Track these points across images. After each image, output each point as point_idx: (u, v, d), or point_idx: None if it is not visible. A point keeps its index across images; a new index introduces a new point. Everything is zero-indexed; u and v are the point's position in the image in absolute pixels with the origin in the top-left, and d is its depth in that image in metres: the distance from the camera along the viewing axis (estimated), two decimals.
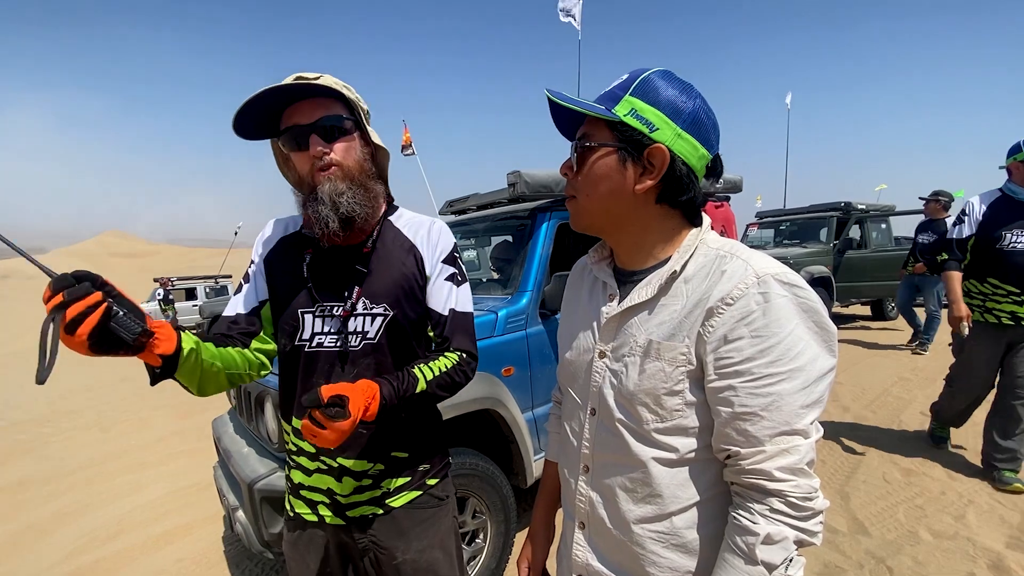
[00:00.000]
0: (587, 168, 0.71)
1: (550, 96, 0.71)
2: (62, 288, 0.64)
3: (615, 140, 0.68)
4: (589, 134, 0.71)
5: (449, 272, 1.08)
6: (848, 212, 7.77)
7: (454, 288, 1.08)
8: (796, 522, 0.59)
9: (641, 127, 0.67)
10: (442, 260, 1.07)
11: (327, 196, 0.95)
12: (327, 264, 1.04)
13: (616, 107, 0.68)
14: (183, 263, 48.53)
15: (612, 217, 0.73)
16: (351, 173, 0.99)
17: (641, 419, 0.69)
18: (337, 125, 0.97)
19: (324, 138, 0.96)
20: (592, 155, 0.70)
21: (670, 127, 0.67)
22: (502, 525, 2.16)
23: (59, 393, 6.98)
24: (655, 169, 0.68)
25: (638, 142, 0.67)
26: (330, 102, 0.97)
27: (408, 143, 8.54)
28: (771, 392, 0.60)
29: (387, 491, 1.04)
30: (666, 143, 0.67)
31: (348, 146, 0.99)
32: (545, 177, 2.61)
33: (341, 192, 0.96)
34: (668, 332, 0.68)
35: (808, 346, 0.61)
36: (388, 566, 1.04)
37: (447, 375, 1.01)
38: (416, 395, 0.96)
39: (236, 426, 2.28)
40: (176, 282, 14.12)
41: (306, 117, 0.95)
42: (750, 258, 0.66)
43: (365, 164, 1.03)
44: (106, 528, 3.05)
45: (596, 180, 0.70)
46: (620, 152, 0.68)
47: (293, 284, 1.03)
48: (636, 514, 0.71)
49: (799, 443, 0.60)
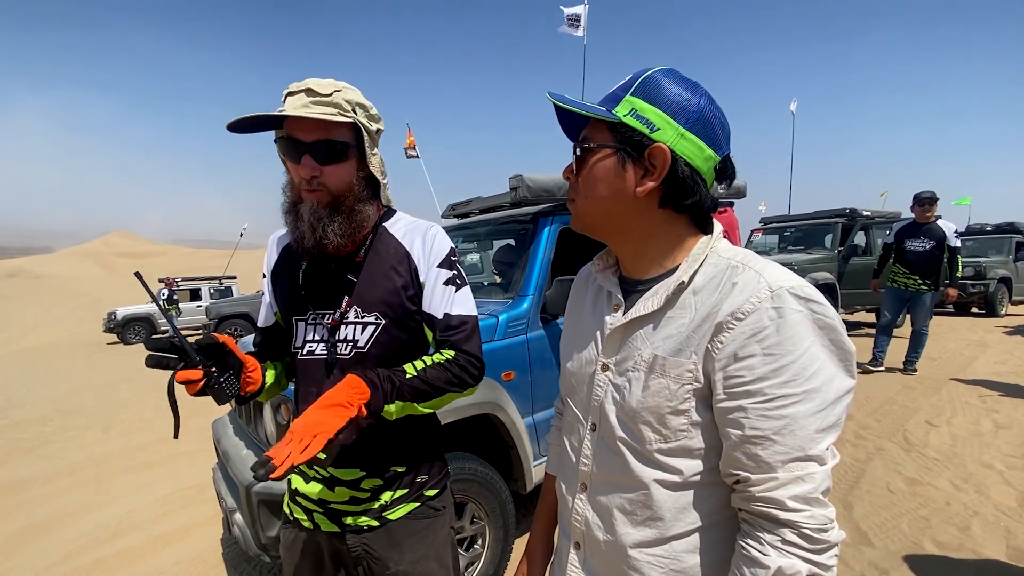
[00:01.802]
0: (586, 170, 0.69)
1: (551, 99, 0.69)
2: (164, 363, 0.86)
3: (614, 141, 0.66)
4: (589, 136, 0.69)
5: (446, 276, 1.04)
6: (853, 218, 7.74)
7: (452, 292, 1.03)
8: (809, 555, 0.55)
9: (641, 127, 0.64)
10: (437, 265, 1.04)
11: (306, 216, 0.95)
12: (320, 273, 1.04)
13: (616, 108, 0.66)
14: (189, 264, 48.77)
15: (613, 221, 0.70)
16: (338, 198, 0.97)
17: (644, 438, 0.66)
18: (331, 151, 0.94)
19: (317, 160, 0.93)
20: (591, 157, 0.68)
21: (672, 127, 0.64)
22: (501, 531, 2.14)
23: (61, 392, 7.02)
24: (656, 170, 0.65)
25: (638, 143, 0.65)
26: (334, 123, 0.94)
27: (412, 146, 8.56)
28: (784, 415, 0.56)
29: (385, 504, 1.03)
30: (667, 143, 0.64)
31: (341, 170, 0.97)
32: (547, 181, 2.61)
33: (320, 218, 0.95)
34: (674, 347, 0.65)
35: (824, 366, 0.57)
36: None
37: (440, 366, 0.96)
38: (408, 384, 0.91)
39: (236, 428, 2.28)
40: (181, 283, 14.20)
41: (305, 134, 0.92)
42: (763, 269, 0.62)
43: (356, 187, 1.00)
44: (105, 529, 3.05)
45: (594, 182, 0.68)
46: (619, 153, 0.66)
47: (290, 292, 1.06)
48: (634, 537, 0.68)
49: (814, 470, 0.56)
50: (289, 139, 0.93)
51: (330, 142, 0.94)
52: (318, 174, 0.94)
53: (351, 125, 0.96)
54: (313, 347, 1.01)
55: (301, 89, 0.92)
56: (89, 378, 8.09)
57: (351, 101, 0.95)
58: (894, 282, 5.21)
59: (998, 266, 9.41)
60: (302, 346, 1.02)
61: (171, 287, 13.19)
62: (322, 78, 0.95)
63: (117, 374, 8.26)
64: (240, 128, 0.94)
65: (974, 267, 9.24)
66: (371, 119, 1.00)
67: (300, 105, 0.91)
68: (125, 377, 7.94)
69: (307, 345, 1.02)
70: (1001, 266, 9.46)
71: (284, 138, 0.94)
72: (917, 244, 4.99)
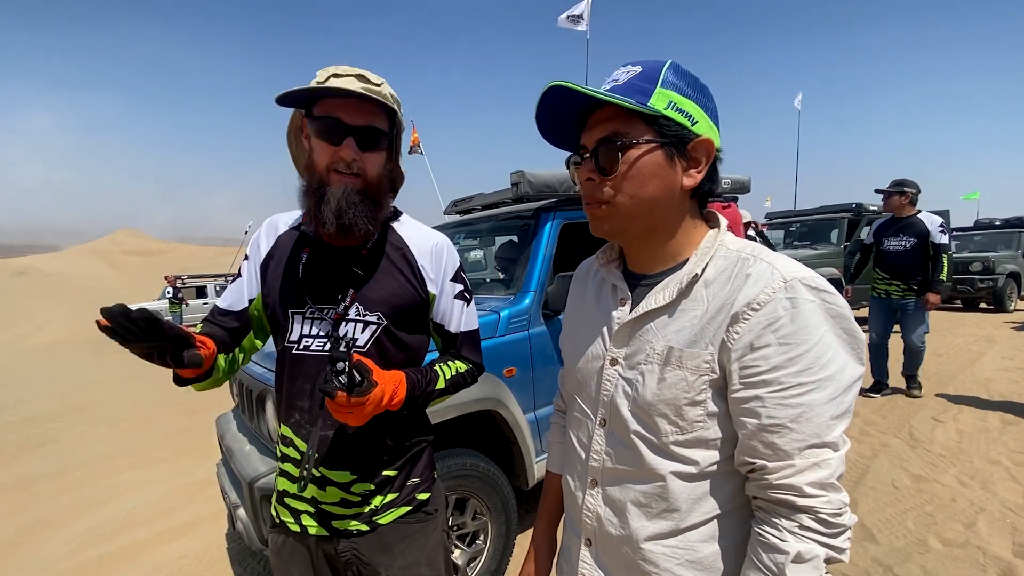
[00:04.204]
0: (630, 168, 0.65)
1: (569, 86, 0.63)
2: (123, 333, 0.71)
3: (655, 136, 0.64)
4: (623, 132, 0.65)
5: (458, 290, 1.09)
6: (860, 213, 7.68)
7: (464, 307, 1.10)
8: (826, 539, 0.57)
9: (683, 120, 0.64)
10: (451, 279, 1.07)
11: (335, 200, 0.92)
12: (323, 265, 1.01)
13: (651, 101, 0.64)
14: (195, 261, 49.07)
15: (653, 218, 0.68)
16: (370, 186, 0.97)
17: (660, 431, 0.66)
18: (374, 138, 0.95)
19: (360, 145, 0.94)
20: (633, 153, 0.64)
21: (705, 118, 0.66)
22: (503, 527, 2.14)
23: (69, 389, 7.09)
24: (702, 163, 0.66)
25: (682, 136, 0.65)
26: (379, 111, 0.95)
27: (416, 143, 8.57)
28: (800, 403, 0.57)
29: (375, 508, 1.01)
30: (707, 135, 0.66)
31: (377, 158, 0.98)
32: (549, 177, 2.60)
33: (353, 203, 0.93)
34: (689, 339, 0.65)
35: (837, 354, 0.59)
36: None
37: (461, 376, 1.07)
38: (435, 391, 0.99)
39: (239, 424, 2.29)
40: (186, 280, 14.31)
41: (352, 117, 0.92)
42: (775, 261, 0.63)
43: (384, 179, 1.01)
44: (111, 524, 3.08)
45: (644, 179, 0.65)
46: (667, 148, 0.64)
47: (286, 282, 1.01)
48: (649, 530, 0.68)
49: (829, 456, 0.57)
50: (331, 119, 0.92)
51: (374, 129, 0.95)
52: (359, 159, 0.94)
53: (389, 118, 0.98)
54: (309, 342, 0.98)
55: (352, 74, 0.92)
56: (97, 375, 8.17)
57: (393, 95, 0.96)
58: (875, 290, 4.44)
59: (1007, 261, 9.33)
60: (297, 341, 0.99)
61: (175, 285, 13.28)
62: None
63: (124, 371, 8.33)
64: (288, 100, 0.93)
65: (982, 262, 9.16)
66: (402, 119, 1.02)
67: (360, 87, 0.90)
68: (132, 374, 8.00)
69: (303, 340, 0.98)
70: (1010, 261, 9.38)
71: (324, 117, 0.92)
72: (895, 243, 4.23)
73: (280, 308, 1.01)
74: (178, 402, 5.82)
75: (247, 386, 2.02)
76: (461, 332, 1.09)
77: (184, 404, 5.73)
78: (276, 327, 1.03)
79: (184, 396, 5.86)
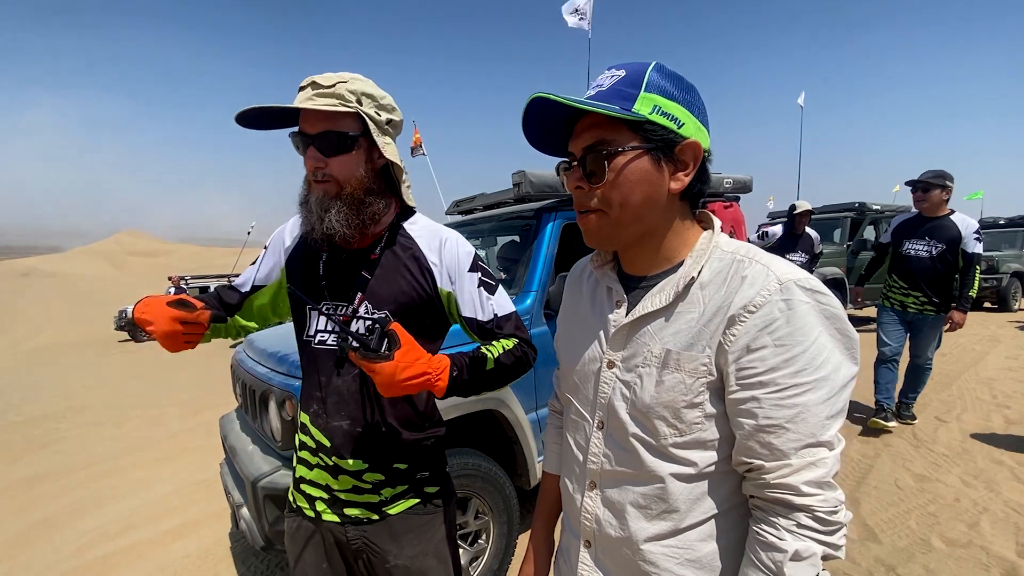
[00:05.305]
0: (617, 176, 0.65)
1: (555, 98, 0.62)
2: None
3: (642, 141, 0.64)
4: (609, 139, 0.65)
5: (478, 279, 1.06)
6: (863, 213, 7.66)
7: (490, 294, 1.06)
8: (823, 537, 0.58)
9: (670, 124, 0.64)
10: (468, 270, 1.05)
11: (315, 207, 0.97)
12: (338, 265, 1.05)
13: (635, 106, 0.63)
14: (198, 262, 49.23)
15: (644, 225, 0.68)
16: (346, 190, 0.97)
17: (658, 433, 0.66)
18: (336, 142, 0.95)
19: (323, 152, 0.95)
20: (620, 160, 0.64)
21: (692, 120, 0.66)
22: (505, 526, 2.15)
23: (73, 389, 7.12)
24: (690, 166, 0.66)
25: (669, 141, 0.64)
26: (337, 114, 0.94)
27: (418, 144, 8.57)
28: (796, 403, 0.58)
29: (385, 499, 1.04)
30: (694, 137, 0.65)
31: (348, 160, 0.97)
32: (550, 177, 2.60)
33: (327, 208, 0.96)
34: (686, 341, 0.65)
35: (832, 354, 0.59)
36: (381, 568, 1.04)
37: (510, 353, 1.00)
38: (486, 372, 0.95)
39: (242, 424, 2.30)
40: (190, 280, 14.38)
41: (310, 126, 0.94)
42: (770, 263, 0.63)
43: (366, 179, 1.00)
44: (116, 523, 3.09)
45: (632, 186, 0.65)
46: (653, 153, 0.64)
47: (308, 280, 1.07)
48: (649, 531, 0.68)
49: (825, 455, 0.58)
50: (299, 133, 0.97)
51: (334, 133, 0.95)
52: (323, 165, 0.95)
53: (357, 116, 0.96)
54: (325, 337, 1.03)
55: (307, 83, 0.94)
56: (100, 375, 8.20)
57: (355, 91, 0.95)
58: (888, 300, 3.67)
59: (1011, 260, 9.29)
60: (314, 335, 1.04)
61: (178, 285, 13.34)
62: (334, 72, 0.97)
63: (128, 371, 8.37)
64: (250, 122, 0.95)
65: (986, 261, 9.10)
66: (381, 109, 1.00)
67: (305, 99, 0.93)
68: (135, 374, 8.04)
69: (319, 335, 1.04)
70: (1014, 260, 9.34)
71: (295, 133, 0.98)
72: (920, 247, 3.48)
73: (301, 304, 1.08)
74: (182, 402, 5.85)
75: (250, 386, 2.03)
76: (497, 316, 1.05)
77: (188, 404, 5.76)
78: (297, 321, 1.10)
79: (187, 396, 5.89)
